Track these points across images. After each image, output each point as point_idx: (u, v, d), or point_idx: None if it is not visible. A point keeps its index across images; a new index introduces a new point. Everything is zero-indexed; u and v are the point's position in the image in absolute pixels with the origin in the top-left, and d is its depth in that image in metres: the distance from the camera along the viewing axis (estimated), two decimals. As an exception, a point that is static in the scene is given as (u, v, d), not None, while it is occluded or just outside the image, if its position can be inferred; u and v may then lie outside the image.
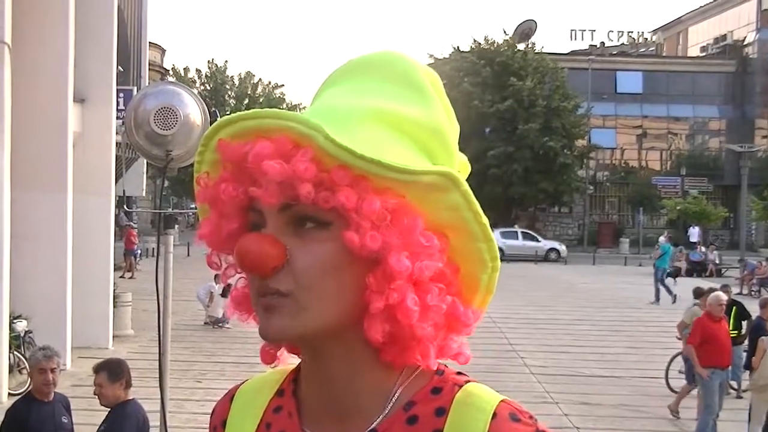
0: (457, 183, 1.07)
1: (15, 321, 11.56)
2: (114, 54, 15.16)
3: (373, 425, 1.12)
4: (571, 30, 63.47)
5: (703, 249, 36.90)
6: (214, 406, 1.31)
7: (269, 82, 47.95)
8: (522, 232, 42.26)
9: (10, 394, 10.50)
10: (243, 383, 1.30)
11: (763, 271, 28.73)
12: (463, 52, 49.38)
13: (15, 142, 11.10)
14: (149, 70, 24.88)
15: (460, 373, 1.18)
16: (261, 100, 48.46)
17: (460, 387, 1.14)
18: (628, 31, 65.13)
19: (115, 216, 16.30)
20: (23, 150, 11.80)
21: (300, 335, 1.08)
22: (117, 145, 15.21)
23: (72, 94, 13.09)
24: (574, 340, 17.11)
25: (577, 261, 39.60)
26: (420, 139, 1.12)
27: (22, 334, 11.64)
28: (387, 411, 1.13)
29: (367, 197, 1.03)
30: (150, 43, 26.66)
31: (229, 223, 1.12)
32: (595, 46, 62.43)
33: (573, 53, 59.38)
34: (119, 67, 16.37)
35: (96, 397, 5.58)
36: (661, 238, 29.16)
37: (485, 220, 1.10)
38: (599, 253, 43.31)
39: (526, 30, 53.49)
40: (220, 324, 17.24)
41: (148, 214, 38.52)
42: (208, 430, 1.30)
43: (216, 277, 17.98)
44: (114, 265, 15.94)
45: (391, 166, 1.03)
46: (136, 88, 17.53)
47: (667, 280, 25.34)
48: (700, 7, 62.75)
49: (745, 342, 11.46)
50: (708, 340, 9.85)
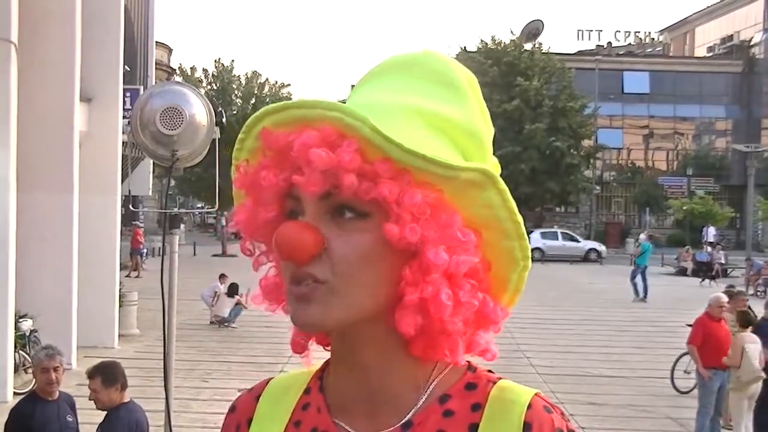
0: (495, 180, 1.09)
1: (20, 320, 11.57)
2: (121, 53, 15.18)
3: (408, 416, 1.14)
4: (578, 30, 63.55)
5: (709, 249, 36.86)
6: (235, 402, 1.31)
7: (276, 82, 47.87)
8: (562, 233, 42.34)
9: (15, 393, 10.50)
10: (269, 381, 1.30)
11: (769, 272, 28.67)
12: (470, 52, 49.41)
13: (21, 141, 11.12)
14: (156, 69, 24.90)
15: (489, 370, 1.20)
16: (268, 100, 48.43)
17: (494, 383, 1.16)
18: (635, 32, 65.17)
19: (122, 214, 16.30)
20: (29, 149, 11.81)
21: (333, 324, 1.09)
22: (123, 145, 15.22)
23: (78, 93, 13.09)
24: (581, 340, 17.08)
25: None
26: (456, 138, 1.13)
27: (27, 334, 11.64)
28: (422, 402, 1.14)
29: (409, 190, 1.04)
30: (157, 42, 26.67)
31: (267, 211, 1.13)
32: (602, 46, 62.43)
33: (580, 53, 59.37)
34: (126, 67, 16.39)
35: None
36: (642, 236, 29.55)
37: (519, 218, 1.11)
38: (606, 253, 43.22)
39: (533, 30, 53.47)
40: (226, 323, 17.26)
41: (155, 214, 38.54)
42: (226, 426, 1.29)
43: (221, 277, 18.01)
44: (120, 264, 15.95)
45: (435, 161, 1.04)
46: (142, 88, 17.53)
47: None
48: (707, 7, 62.71)
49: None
50: (708, 340, 9.82)
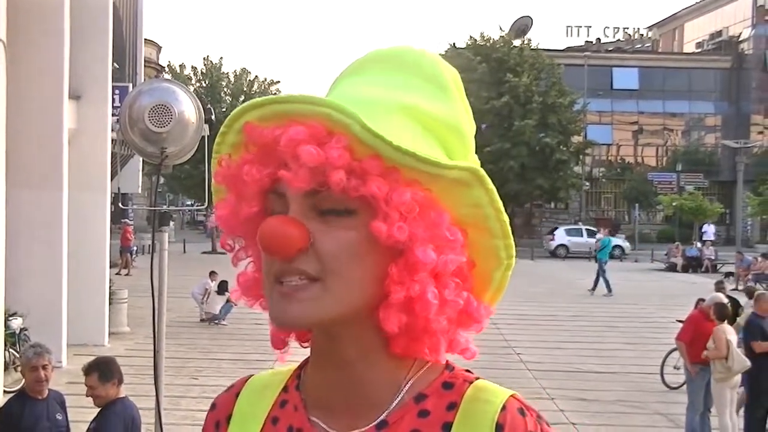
0: (483, 180, 1.09)
1: (10, 318, 11.53)
2: (109, 51, 15.13)
3: (383, 416, 1.13)
4: (567, 26, 63.80)
5: (698, 245, 37.00)
6: (215, 400, 1.30)
7: (265, 79, 47.85)
8: (586, 230, 42.39)
9: (5, 392, 10.47)
10: (248, 379, 1.29)
11: (759, 267, 28.76)
12: (459, 48, 49.41)
13: (10, 139, 11.07)
14: (145, 67, 24.78)
15: (467, 370, 1.19)
16: (257, 97, 48.07)
17: (471, 383, 1.15)
18: (624, 28, 65.43)
19: (111, 212, 16.27)
20: (19, 147, 11.77)
21: (319, 321, 1.08)
22: (112, 142, 15.18)
23: (67, 91, 13.05)
24: (571, 336, 17.12)
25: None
26: (440, 135, 1.13)
27: (17, 332, 11.61)
28: (397, 401, 1.13)
29: (398, 188, 1.04)
30: (146, 39, 26.57)
31: (249, 206, 1.12)
32: (591, 42, 62.52)
33: (569, 49, 59.40)
34: (115, 64, 16.33)
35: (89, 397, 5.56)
36: (599, 234, 30.04)
37: (506, 217, 1.11)
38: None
39: (522, 26, 53.53)
40: (217, 321, 17.24)
41: (145, 211, 38.46)
42: (206, 424, 1.29)
43: (211, 274, 17.99)
44: (110, 262, 15.92)
45: (426, 160, 1.04)
46: (131, 85, 17.46)
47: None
48: (696, 3, 62.83)
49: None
50: (698, 338, 9.84)
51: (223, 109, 42.20)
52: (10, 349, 11.36)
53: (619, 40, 65.40)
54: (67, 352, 12.80)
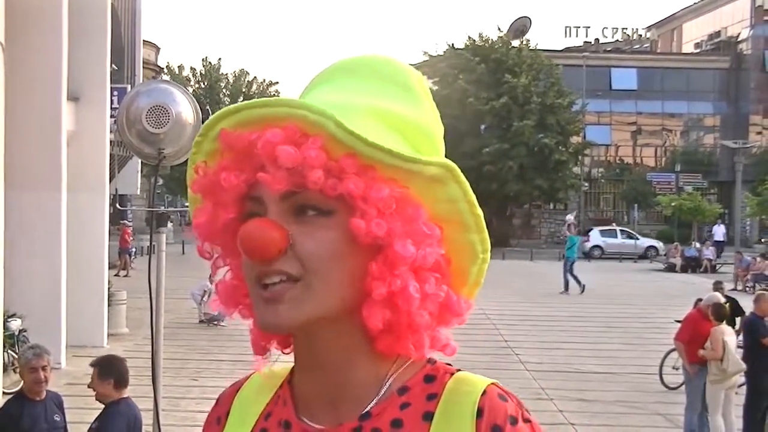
0: (456, 174, 1.11)
1: (9, 320, 11.53)
2: (108, 52, 15.12)
3: (367, 408, 1.15)
4: (566, 27, 63.80)
5: (697, 245, 36.99)
6: (220, 396, 1.32)
7: (263, 80, 47.98)
8: (621, 230, 42.33)
9: (4, 393, 10.47)
10: (251, 375, 1.31)
11: (757, 267, 28.76)
12: (457, 49, 49.33)
13: (9, 140, 11.06)
14: (143, 68, 24.78)
15: (449, 364, 1.21)
16: (256, 98, 48.13)
17: (452, 375, 1.17)
18: (623, 28, 65.21)
19: (110, 214, 16.26)
20: (17, 149, 11.75)
21: (305, 321, 1.09)
22: (111, 144, 15.18)
23: (66, 92, 13.05)
24: (570, 337, 17.12)
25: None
26: (410, 137, 1.14)
27: (16, 333, 11.60)
28: (381, 395, 1.15)
29: (375, 185, 1.06)
30: (144, 41, 26.55)
31: (226, 212, 1.13)
32: (590, 42, 62.45)
33: (567, 50, 59.38)
34: (113, 66, 16.35)
35: (92, 392, 5.59)
36: (567, 232, 29.91)
37: (479, 212, 1.14)
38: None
39: (521, 27, 53.51)
40: (216, 321, 17.22)
41: (143, 213, 38.42)
42: (209, 419, 1.31)
43: (210, 275, 17.97)
44: (108, 263, 15.91)
45: (401, 155, 1.06)
46: (130, 86, 17.48)
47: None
48: (695, 3, 62.84)
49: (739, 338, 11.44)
50: (696, 338, 9.84)
51: (222, 110, 42.27)
52: (9, 351, 11.35)
53: (617, 40, 65.34)
54: (66, 353, 12.80)
